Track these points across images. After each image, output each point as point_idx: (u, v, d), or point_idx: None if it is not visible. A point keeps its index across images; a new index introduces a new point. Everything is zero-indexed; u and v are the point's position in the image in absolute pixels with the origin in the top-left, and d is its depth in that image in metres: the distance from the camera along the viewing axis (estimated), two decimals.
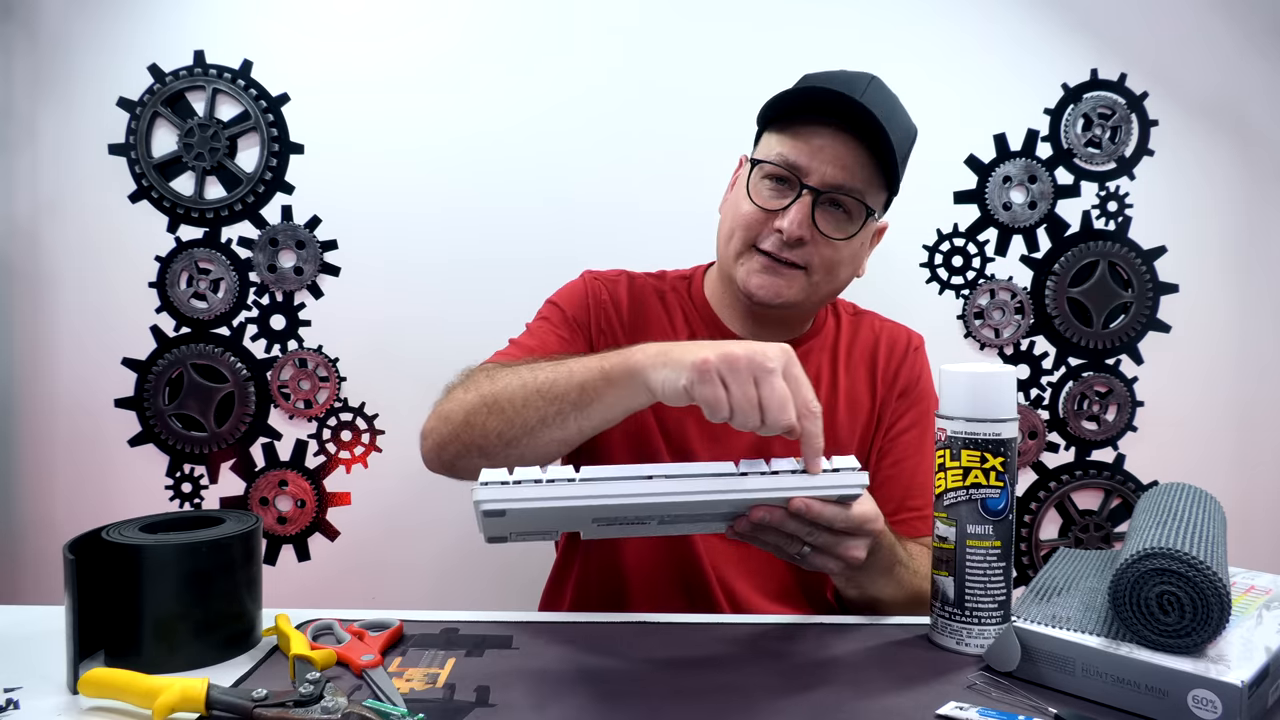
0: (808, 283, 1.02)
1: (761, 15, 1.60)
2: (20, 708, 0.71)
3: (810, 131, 0.99)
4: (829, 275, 1.03)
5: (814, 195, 0.98)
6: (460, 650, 0.82)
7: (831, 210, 1.00)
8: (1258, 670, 0.67)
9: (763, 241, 1.01)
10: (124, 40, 1.57)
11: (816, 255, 1.01)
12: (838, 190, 0.99)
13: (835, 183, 0.99)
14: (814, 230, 0.99)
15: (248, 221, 1.60)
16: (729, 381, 0.74)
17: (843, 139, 0.98)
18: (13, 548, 1.61)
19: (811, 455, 0.75)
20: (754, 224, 1.01)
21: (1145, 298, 1.65)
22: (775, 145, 1.01)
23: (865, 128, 0.97)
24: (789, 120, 1.01)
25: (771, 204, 1.00)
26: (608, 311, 1.11)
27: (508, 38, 1.59)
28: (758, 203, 1.01)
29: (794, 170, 0.99)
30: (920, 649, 0.84)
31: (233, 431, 1.60)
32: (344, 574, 1.63)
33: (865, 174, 0.99)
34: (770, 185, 1.01)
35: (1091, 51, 1.63)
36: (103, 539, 0.79)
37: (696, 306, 1.13)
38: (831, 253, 1.01)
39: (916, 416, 1.12)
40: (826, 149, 0.98)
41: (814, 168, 0.98)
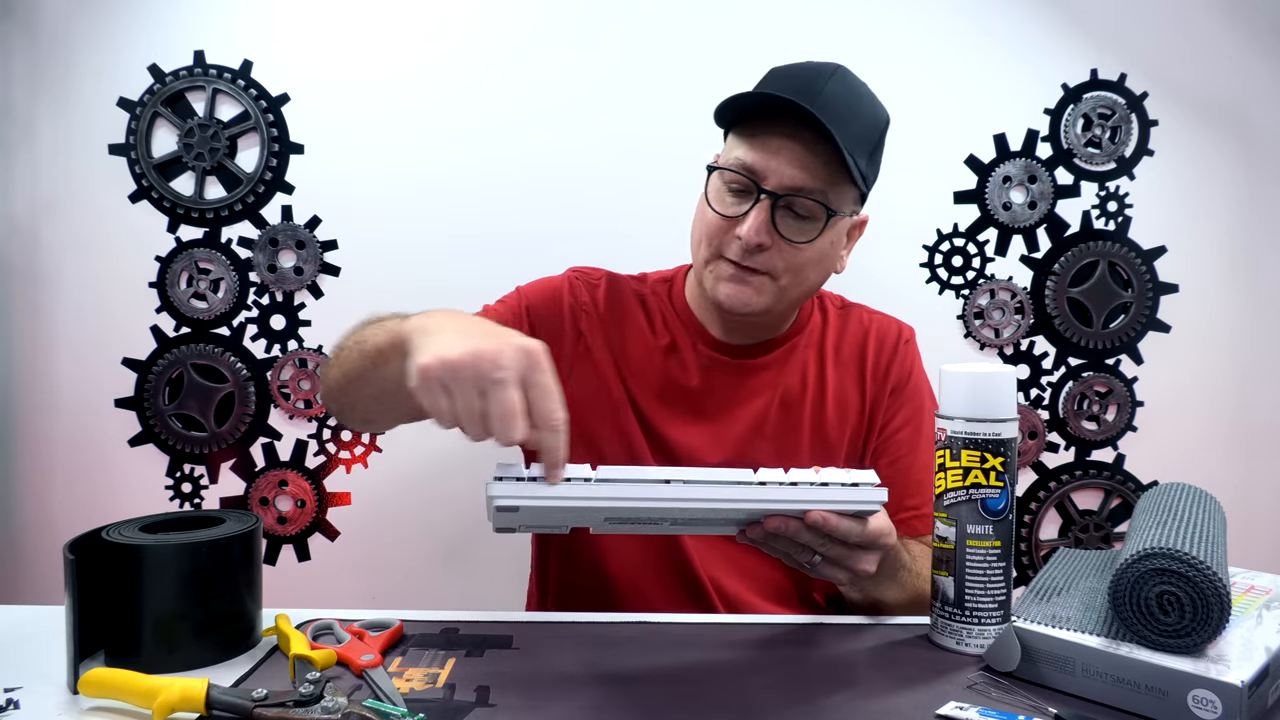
0: (775, 288, 1.00)
1: (761, 15, 1.60)
2: (20, 708, 0.71)
3: (768, 133, 0.96)
4: (796, 278, 1.01)
5: (772, 199, 0.96)
6: (460, 650, 0.82)
7: (792, 213, 0.98)
8: (1258, 670, 0.67)
9: (727, 249, 0.99)
10: (124, 40, 1.57)
11: (780, 260, 0.98)
12: (796, 193, 0.96)
13: (793, 185, 0.96)
14: (775, 235, 0.97)
15: (248, 221, 1.60)
16: (452, 390, 0.67)
17: (801, 139, 0.95)
18: (13, 548, 1.61)
19: (550, 467, 0.69)
20: (717, 232, 1.00)
21: (1145, 298, 1.65)
22: (734, 149, 0.99)
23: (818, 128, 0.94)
24: (748, 122, 0.99)
25: (732, 210, 0.99)
26: (587, 312, 1.10)
27: (508, 37, 1.59)
28: (719, 210, 0.99)
29: (751, 175, 0.97)
30: (920, 649, 0.84)
31: (233, 431, 1.60)
32: (344, 574, 1.63)
33: (826, 173, 0.96)
34: (731, 191, 0.99)
35: (1091, 51, 1.63)
36: (103, 539, 0.79)
37: (677, 310, 1.12)
38: (796, 256, 0.99)
39: (910, 413, 1.11)
40: (784, 151, 0.96)
41: (771, 170, 0.96)
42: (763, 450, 1.07)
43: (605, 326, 1.10)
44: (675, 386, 1.08)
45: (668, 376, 1.08)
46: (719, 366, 1.09)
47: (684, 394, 1.08)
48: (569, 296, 1.11)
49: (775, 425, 1.08)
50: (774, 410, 1.08)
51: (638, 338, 1.10)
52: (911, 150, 1.62)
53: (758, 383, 1.09)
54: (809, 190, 0.97)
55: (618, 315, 1.11)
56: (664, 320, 1.12)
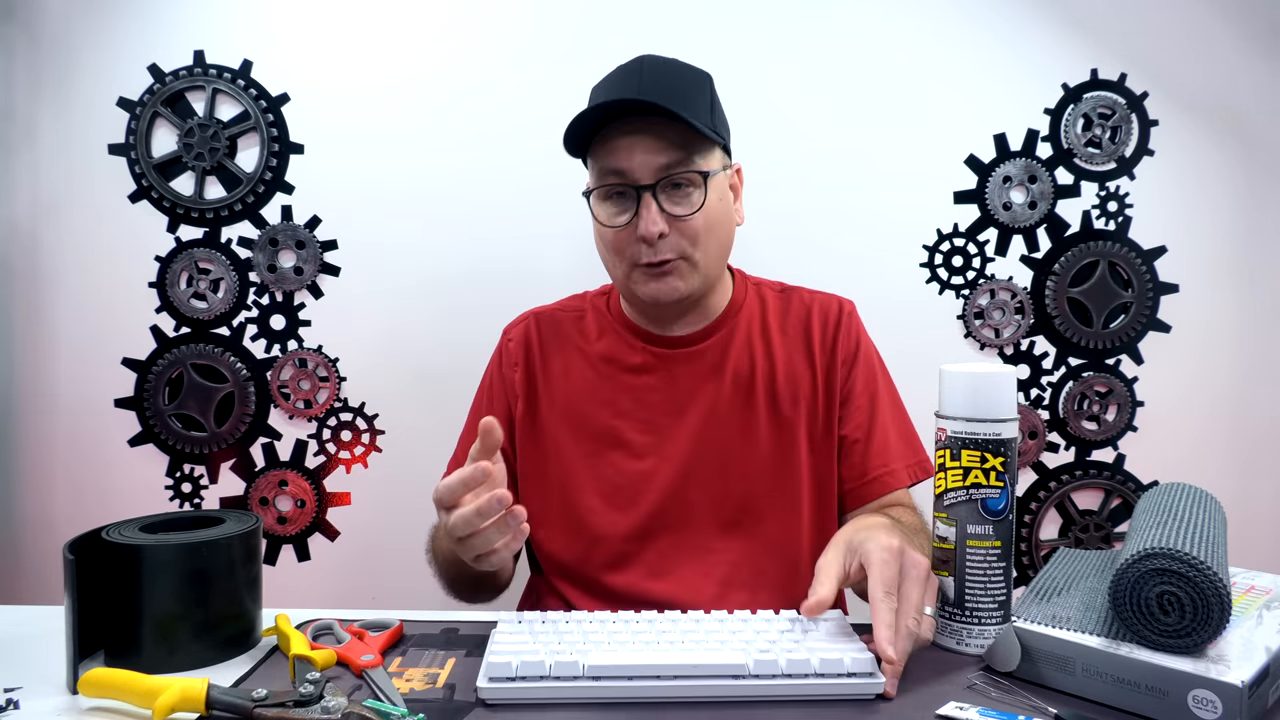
0: (690, 266, 1.04)
1: (761, 18, 1.60)
2: (20, 708, 0.71)
3: (613, 139, 1.01)
4: (702, 248, 1.04)
5: (650, 190, 1.01)
6: (460, 650, 0.82)
7: (673, 193, 1.02)
8: (1258, 670, 0.67)
9: (638, 258, 1.03)
10: (124, 40, 1.57)
11: (683, 239, 1.03)
12: (667, 172, 1.01)
13: (659, 166, 1.00)
14: (668, 218, 1.01)
15: (248, 221, 1.60)
16: None
17: (646, 127, 1.00)
18: (13, 548, 1.61)
19: None
20: (621, 245, 1.04)
21: (1145, 298, 1.65)
22: (595, 166, 1.05)
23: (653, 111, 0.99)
24: (593, 142, 1.04)
25: (621, 219, 1.03)
26: (525, 357, 1.16)
27: (508, 37, 1.59)
28: (609, 224, 1.04)
29: (621, 177, 1.02)
30: (920, 649, 0.84)
31: (233, 431, 1.60)
32: (344, 574, 1.63)
33: (681, 142, 1.01)
34: (613, 203, 1.04)
35: (1091, 51, 1.63)
36: (103, 539, 0.79)
37: (614, 317, 1.16)
38: (694, 227, 1.03)
39: (865, 380, 1.14)
40: (635, 145, 1.00)
41: (635, 165, 1.01)
42: (725, 434, 1.10)
43: (543, 355, 1.16)
44: (626, 386, 1.12)
45: (617, 379, 1.12)
46: (664, 359, 1.12)
47: (636, 391, 1.12)
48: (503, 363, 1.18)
49: (731, 406, 1.11)
50: (726, 391, 1.11)
51: (576, 351, 1.16)
52: (912, 150, 1.63)
53: (704, 367, 1.12)
54: (675, 165, 1.01)
55: (550, 341, 1.17)
56: (605, 328, 1.16)
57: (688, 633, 0.79)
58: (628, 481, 1.09)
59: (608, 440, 1.11)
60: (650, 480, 1.09)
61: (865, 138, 1.62)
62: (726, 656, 0.73)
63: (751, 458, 1.10)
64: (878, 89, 1.62)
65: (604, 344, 1.15)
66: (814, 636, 0.78)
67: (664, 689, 0.72)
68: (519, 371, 1.15)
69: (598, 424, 1.11)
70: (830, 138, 1.61)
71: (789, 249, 1.60)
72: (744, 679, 0.72)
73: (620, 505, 1.09)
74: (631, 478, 1.09)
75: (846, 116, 1.61)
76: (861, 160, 1.62)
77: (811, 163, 1.61)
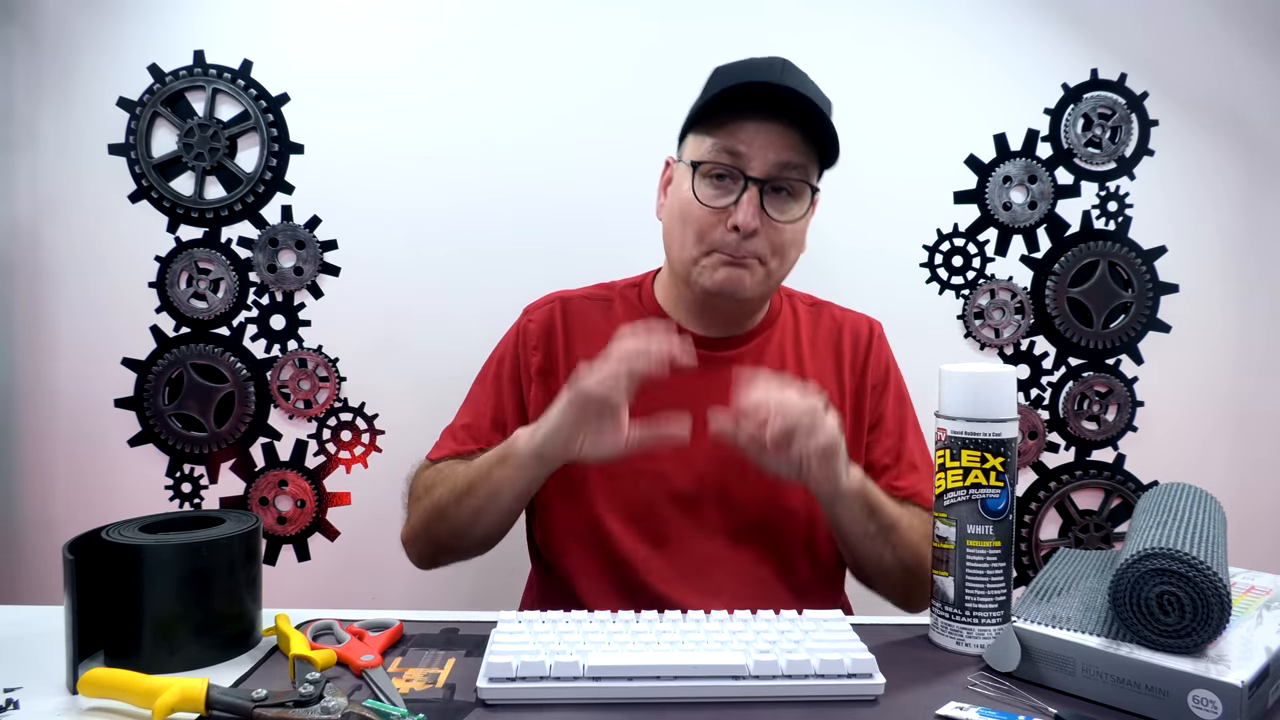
0: (765, 271, 1.04)
1: (758, 12, 1.60)
2: (20, 708, 0.71)
3: (737, 125, 1.00)
4: (781, 259, 1.05)
5: (760, 185, 1.00)
6: (460, 650, 0.82)
7: (777, 195, 1.02)
8: (1258, 670, 0.67)
9: (721, 246, 1.02)
10: (124, 40, 1.57)
11: (769, 243, 1.02)
12: (782, 170, 1.00)
13: (779, 163, 1.00)
14: (765, 217, 1.01)
15: (248, 221, 1.60)
16: None
17: (771, 124, 0.99)
18: (13, 548, 1.61)
19: None
20: (706, 226, 1.02)
21: (1145, 298, 1.65)
22: (708, 144, 1.02)
23: (789, 109, 0.99)
24: (713, 119, 1.02)
25: (719, 201, 1.01)
26: (546, 342, 1.13)
27: (507, 36, 1.59)
28: (706, 203, 1.01)
29: (736, 160, 1.00)
30: (920, 649, 0.84)
31: (233, 431, 1.60)
32: (344, 574, 1.63)
33: (802, 152, 1.01)
34: (714, 183, 1.02)
35: (1091, 51, 1.63)
36: (103, 539, 0.79)
37: (647, 309, 1.14)
38: (781, 237, 1.03)
39: (895, 406, 1.15)
40: (759, 136, 0.99)
41: (754, 154, 0.99)
42: None
43: (567, 342, 1.13)
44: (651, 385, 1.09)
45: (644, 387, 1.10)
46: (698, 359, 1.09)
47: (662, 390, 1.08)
48: (522, 343, 1.15)
49: None
50: None
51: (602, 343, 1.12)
52: (911, 150, 1.63)
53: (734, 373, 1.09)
54: (793, 166, 1.01)
55: (577, 328, 1.14)
56: (635, 320, 1.13)
57: (688, 633, 0.79)
58: (641, 481, 1.07)
59: None
60: (666, 483, 1.07)
61: (865, 138, 1.61)
62: (726, 657, 0.73)
63: None
64: (877, 89, 1.62)
65: None
66: (814, 637, 0.78)
67: (664, 690, 0.72)
68: (538, 356, 1.13)
69: None
70: None
71: None
72: (744, 680, 0.72)
73: (633, 505, 1.07)
74: (647, 478, 1.07)
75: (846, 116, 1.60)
76: (861, 160, 1.61)
77: None
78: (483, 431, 1.13)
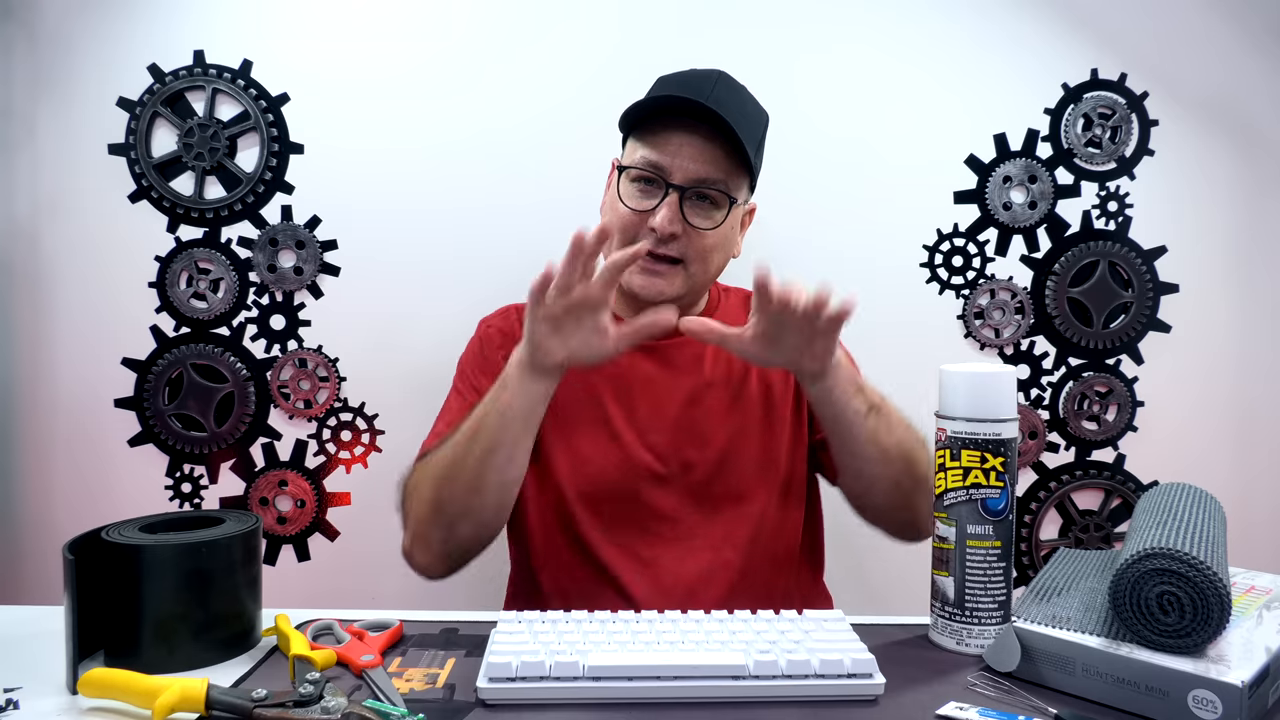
0: (685, 275, 1.08)
1: (758, 12, 1.60)
2: (20, 708, 0.71)
3: (668, 133, 1.05)
4: (703, 264, 1.09)
5: (680, 192, 1.05)
6: (460, 650, 0.83)
7: (698, 203, 1.07)
8: (1258, 670, 0.67)
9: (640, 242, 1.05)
10: (124, 40, 1.57)
11: (690, 247, 1.07)
12: (700, 184, 1.05)
13: (697, 177, 1.05)
14: (684, 224, 1.06)
15: (247, 221, 1.60)
16: None
17: (698, 137, 1.05)
18: (13, 548, 1.61)
19: None
20: (630, 226, 1.07)
21: (1145, 298, 1.65)
22: (638, 150, 1.07)
23: (714, 123, 1.04)
24: (647, 125, 1.07)
25: (642, 205, 1.07)
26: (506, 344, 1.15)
27: (506, 36, 1.59)
28: (630, 205, 1.07)
29: (658, 171, 1.06)
30: (920, 649, 0.84)
31: (232, 431, 1.60)
32: (344, 574, 1.63)
33: (724, 165, 1.06)
34: (639, 188, 1.07)
35: (1092, 51, 1.63)
36: (102, 539, 0.79)
37: None
38: (703, 242, 1.07)
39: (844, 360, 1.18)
40: (685, 148, 1.05)
41: (676, 166, 1.05)
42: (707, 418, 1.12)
43: None
44: (606, 374, 1.13)
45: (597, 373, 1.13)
46: (644, 351, 1.14)
47: (616, 378, 1.14)
48: (484, 347, 1.19)
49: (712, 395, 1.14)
50: (705, 382, 1.14)
51: None
52: (911, 150, 1.63)
53: (683, 360, 1.15)
54: (712, 181, 1.06)
55: None
56: None
57: (688, 633, 0.79)
58: (606, 467, 1.11)
59: (592, 431, 1.12)
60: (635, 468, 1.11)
61: (865, 137, 1.62)
62: (726, 657, 0.73)
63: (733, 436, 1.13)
64: (877, 89, 1.62)
65: None
66: (814, 637, 0.78)
67: (664, 690, 0.72)
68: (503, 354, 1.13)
69: (577, 414, 1.13)
70: (830, 138, 1.61)
71: (789, 248, 1.59)
72: (744, 680, 0.72)
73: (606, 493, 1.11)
74: (616, 466, 1.11)
75: (846, 116, 1.61)
76: (861, 160, 1.62)
77: (811, 162, 1.61)
78: None
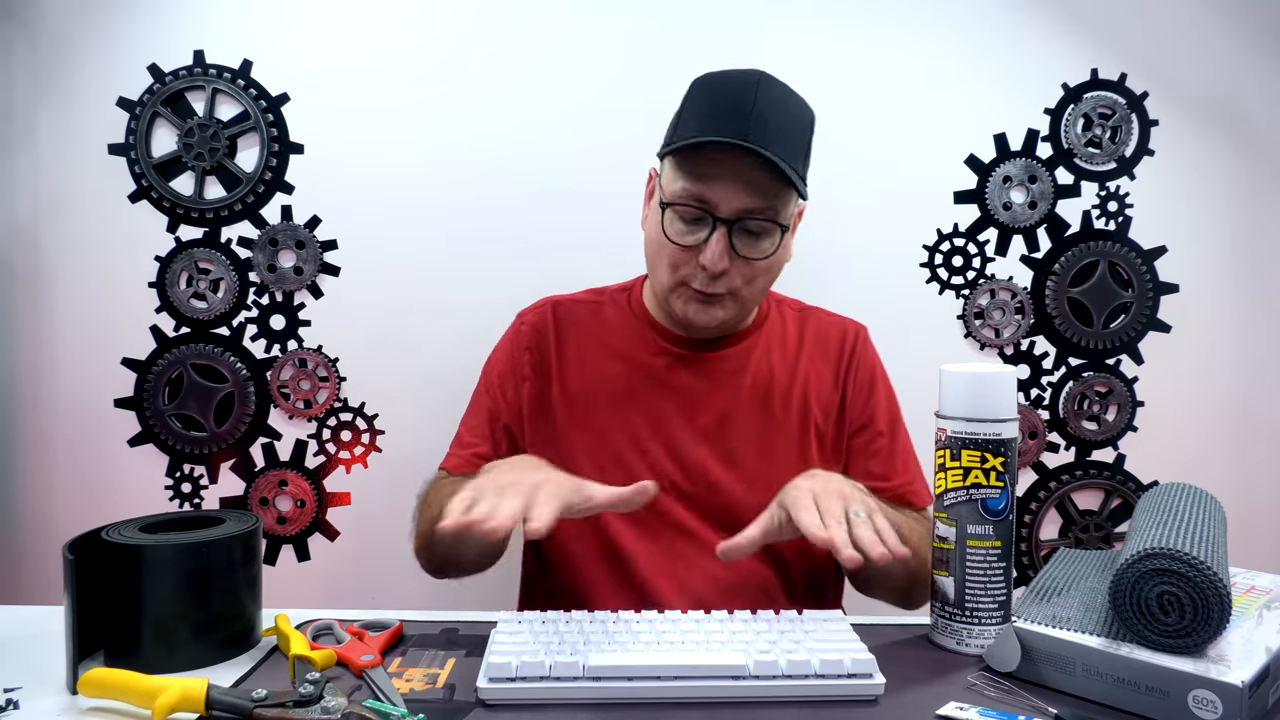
0: (737, 302, 1.06)
1: (755, 11, 1.59)
2: (20, 708, 0.71)
3: (705, 168, 0.99)
4: (755, 288, 1.06)
5: (727, 225, 0.99)
6: (460, 650, 0.82)
7: (746, 233, 1.01)
8: (1258, 670, 0.67)
9: (691, 280, 1.03)
10: (124, 40, 1.57)
11: (740, 278, 1.03)
12: (748, 215, 1.00)
13: (744, 209, 0.99)
14: (734, 257, 1.01)
15: (247, 221, 1.60)
16: None
17: (739, 166, 0.98)
18: (13, 548, 1.61)
19: None
20: (678, 262, 1.03)
21: (1145, 298, 1.65)
22: (678, 180, 1.01)
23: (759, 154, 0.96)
24: (685, 152, 1.00)
25: (688, 240, 1.01)
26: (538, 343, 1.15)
27: (507, 36, 1.59)
28: (676, 241, 1.02)
29: (702, 205, 1.00)
30: (920, 649, 0.84)
31: (232, 431, 1.60)
32: (344, 574, 1.63)
33: (770, 191, 0.99)
34: (684, 222, 1.02)
35: (1091, 51, 1.63)
36: (103, 539, 0.79)
37: (636, 315, 1.16)
38: (752, 271, 1.03)
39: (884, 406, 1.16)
40: (727, 182, 0.98)
41: (722, 199, 0.99)
42: (738, 440, 1.10)
43: (558, 345, 1.15)
44: (640, 383, 1.12)
45: (632, 375, 1.12)
46: (683, 360, 1.12)
47: (651, 389, 1.12)
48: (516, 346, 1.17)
49: (747, 414, 1.11)
50: (744, 398, 1.12)
51: (593, 346, 1.15)
52: (911, 150, 1.63)
53: (722, 373, 1.13)
54: (759, 211, 1.00)
55: (568, 332, 1.16)
56: (624, 322, 1.16)
57: (688, 633, 0.79)
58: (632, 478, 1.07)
59: (618, 435, 1.10)
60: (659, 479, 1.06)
61: (865, 137, 1.62)
62: (727, 657, 0.73)
63: (765, 463, 1.09)
64: (878, 89, 1.62)
65: (622, 338, 1.14)
66: (815, 637, 0.78)
67: (664, 690, 0.72)
68: (530, 355, 1.15)
69: (607, 418, 1.11)
70: (830, 138, 1.61)
71: None
72: (744, 680, 0.72)
73: None
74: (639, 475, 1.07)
75: (846, 116, 1.61)
76: (862, 160, 1.62)
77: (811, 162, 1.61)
78: (483, 432, 1.15)
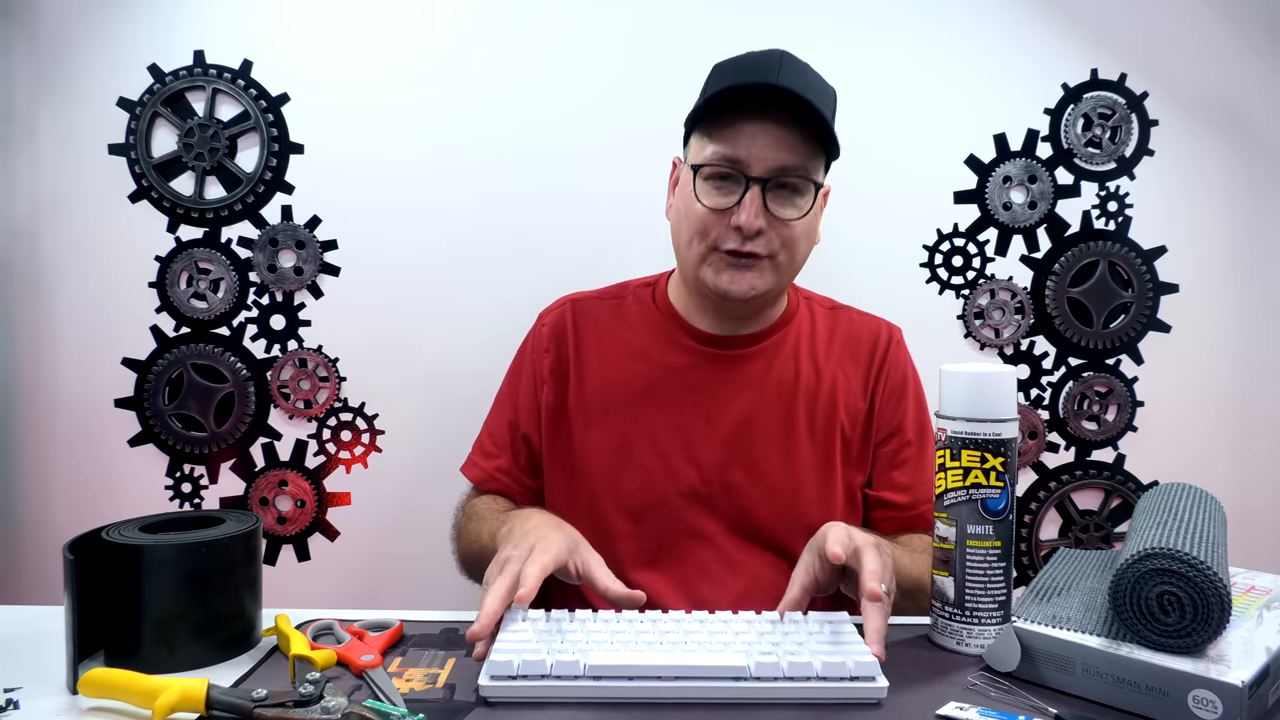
0: (773, 268, 1.03)
1: (753, 10, 1.59)
2: (20, 708, 0.71)
3: (738, 124, 0.99)
4: (791, 255, 1.04)
5: (761, 184, 0.99)
6: (460, 650, 0.82)
7: (781, 193, 1.01)
8: (1258, 670, 0.67)
9: (724, 242, 1.01)
10: (124, 40, 1.57)
11: (777, 239, 1.01)
12: (782, 173, 0.99)
13: (778, 166, 0.99)
14: (769, 217, 1.00)
15: (248, 221, 1.60)
16: None
17: (772, 123, 0.98)
18: (13, 548, 1.61)
19: None
20: (709, 226, 1.01)
21: (1145, 298, 1.65)
22: (708, 145, 1.01)
23: (789, 106, 0.97)
24: (714, 118, 1.00)
25: (721, 202, 1.00)
26: (557, 344, 1.14)
27: (507, 35, 1.59)
28: (708, 205, 1.01)
29: (735, 165, 0.99)
30: (920, 649, 0.84)
31: (233, 431, 1.60)
32: (344, 574, 1.63)
33: (802, 150, 0.99)
34: (715, 185, 1.01)
35: (1091, 51, 1.63)
36: (103, 539, 0.79)
37: (661, 310, 1.14)
38: (790, 233, 1.02)
39: (915, 415, 1.14)
40: (759, 136, 0.98)
41: (753, 157, 0.98)
42: (760, 443, 1.08)
43: (577, 345, 1.14)
44: (663, 382, 1.10)
45: (654, 374, 1.10)
46: (708, 358, 1.10)
47: (673, 389, 1.10)
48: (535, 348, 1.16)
49: (770, 416, 1.09)
50: (768, 400, 1.09)
51: (614, 343, 1.13)
52: (911, 150, 1.63)
53: (747, 374, 1.10)
54: (793, 168, 0.99)
55: (587, 331, 1.15)
56: (647, 319, 1.14)
57: (690, 634, 0.79)
58: (651, 482, 1.07)
59: (636, 436, 1.08)
60: (675, 482, 1.07)
61: (865, 137, 1.61)
62: (728, 659, 0.73)
63: (786, 470, 1.07)
64: (877, 89, 1.62)
65: (643, 336, 1.12)
66: (817, 639, 0.78)
67: (665, 690, 0.72)
68: (549, 358, 1.14)
69: (627, 418, 1.09)
70: None
71: None
72: (745, 681, 0.72)
73: (642, 505, 1.07)
74: (655, 478, 1.07)
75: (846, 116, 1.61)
76: (862, 160, 1.61)
77: None
78: (503, 438, 1.15)
